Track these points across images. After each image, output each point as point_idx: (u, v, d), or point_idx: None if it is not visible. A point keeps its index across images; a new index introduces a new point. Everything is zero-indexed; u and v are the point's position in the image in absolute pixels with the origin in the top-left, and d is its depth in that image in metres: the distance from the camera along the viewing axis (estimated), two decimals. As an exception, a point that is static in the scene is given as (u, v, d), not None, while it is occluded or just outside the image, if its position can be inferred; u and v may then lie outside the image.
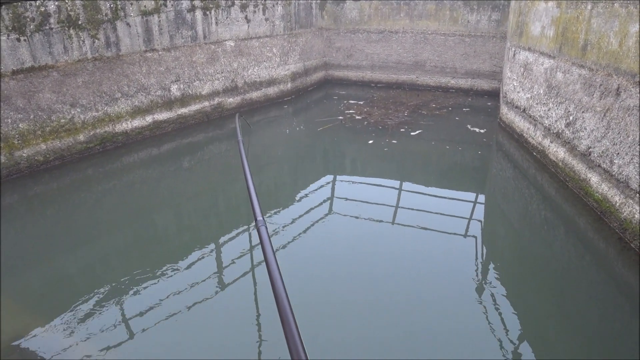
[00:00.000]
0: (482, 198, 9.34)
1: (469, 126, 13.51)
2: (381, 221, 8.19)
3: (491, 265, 6.91)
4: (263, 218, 2.22)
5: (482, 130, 13.09)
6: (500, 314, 5.73)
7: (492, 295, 6.12)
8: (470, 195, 9.46)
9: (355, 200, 9.09)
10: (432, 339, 5.32)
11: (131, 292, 6.28)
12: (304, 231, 7.92)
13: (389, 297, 6.07)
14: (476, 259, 7.10)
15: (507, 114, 12.86)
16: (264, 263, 2.11)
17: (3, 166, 9.32)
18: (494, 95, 16.88)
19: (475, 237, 7.69)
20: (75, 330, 5.61)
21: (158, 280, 6.50)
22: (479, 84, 17.51)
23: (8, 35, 9.11)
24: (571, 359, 4.98)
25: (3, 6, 8.89)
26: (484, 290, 6.24)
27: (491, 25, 16.53)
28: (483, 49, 16.93)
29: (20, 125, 9.49)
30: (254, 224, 3.79)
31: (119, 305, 6.03)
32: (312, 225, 8.14)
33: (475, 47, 17.05)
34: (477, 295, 6.13)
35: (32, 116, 9.67)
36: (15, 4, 9.03)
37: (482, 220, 8.42)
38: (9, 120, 9.31)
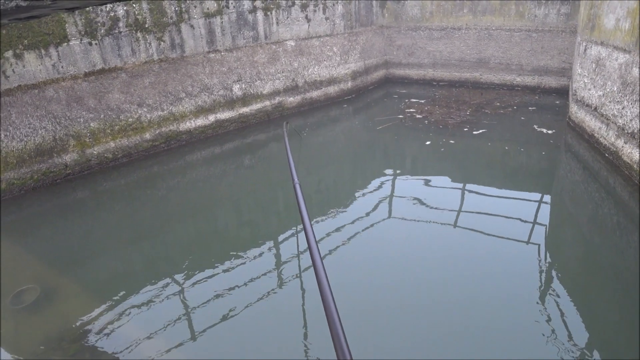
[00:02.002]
0: (548, 201, 8.92)
1: (535, 126, 12.95)
2: (442, 224, 8.00)
3: (555, 274, 6.57)
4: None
5: (549, 131, 12.51)
6: (565, 326, 5.45)
7: (557, 306, 5.82)
8: (535, 197, 9.05)
9: (415, 202, 8.92)
10: (491, 348, 5.14)
11: (191, 285, 6.45)
12: (362, 231, 7.87)
13: (447, 303, 5.91)
14: (540, 266, 6.78)
15: (577, 113, 12.25)
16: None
17: (75, 163, 9.82)
18: (563, 93, 16.11)
19: (539, 244, 7.34)
20: (137, 319, 5.85)
21: (217, 275, 6.65)
22: (546, 82, 16.77)
23: (81, 40, 9.58)
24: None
25: (77, 11, 9.34)
26: (546, 300, 5.95)
27: (560, 19, 15.78)
28: (551, 44, 16.18)
29: (91, 124, 9.97)
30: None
31: (179, 297, 6.22)
32: (371, 226, 8.07)
33: (542, 42, 16.33)
34: (541, 305, 5.85)
35: (102, 115, 10.13)
36: (87, 9, 9.48)
37: (547, 224, 8.04)
38: (81, 120, 9.81)
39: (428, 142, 11.95)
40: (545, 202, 8.86)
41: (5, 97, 9.01)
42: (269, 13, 13.26)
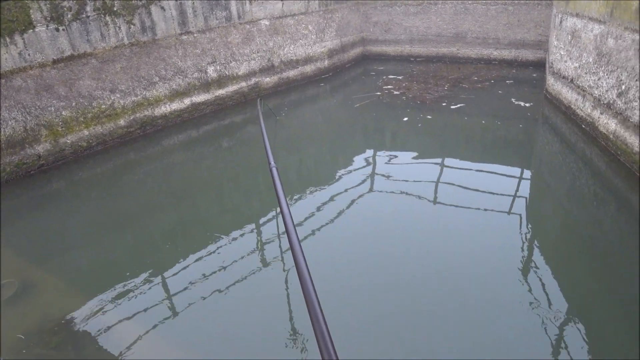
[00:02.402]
0: (527, 174, 8.99)
1: (513, 99, 13.00)
2: (423, 198, 8.03)
3: (536, 244, 6.65)
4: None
5: (527, 104, 12.57)
6: (546, 294, 5.52)
7: (537, 274, 5.90)
8: (515, 171, 9.10)
9: (396, 178, 8.91)
10: (474, 319, 5.18)
11: (172, 271, 6.40)
12: (346, 208, 7.86)
13: (429, 276, 5.95)
14: (521, 237, 6.85)
15: (554, 85, 12.31)
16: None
17: (49, 153, 9.59)
18: (540, 66, 16.17)
19: (520, 215, 7.41)
20: (120, 307, 5.78)
21: (198, 260, 6.60)
22: (523, 55, 16.80)
23: (47, 26, 9.27)
24: (618, 343, 4.76)
25: (41, -4, 9.02)
26: (529, 270, 6.02)
27: (536, -9, 15.79)
28: (527, 17, 16.17)
29: (63, 112, 9.71)
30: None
31: (160, 284, 6.17)
32: (353, 203, 8.06)
33: (519, 15, 16.31)
34: (522, 274, 5.92)
35: (74, 103, 9.88)
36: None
37: (527, 196, 8.10)
38: (52, 109, 9.54)
39: (405, 119, 11.92)
40: (525, 174, 8.93)
41: (-29, 87, 8.72)
42: (241, -8, 12.99)
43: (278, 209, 8.00)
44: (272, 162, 3.11)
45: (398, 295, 5.66)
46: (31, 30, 9.15)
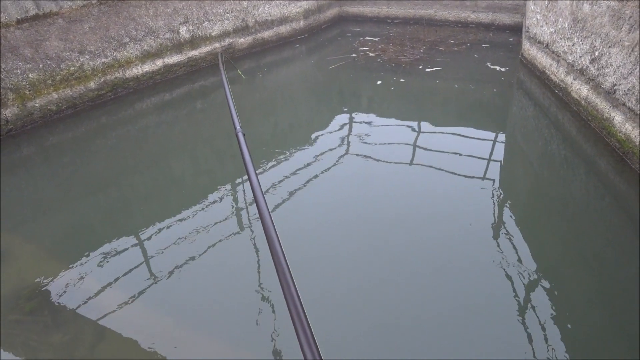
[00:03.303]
0: (501, 138, 9.10)
1: (488, 64, 13.03)
2: (399, 162, 8.10)
3: (508, 206, 6.81)
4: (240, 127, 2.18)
5: (502, 69, 12.61)
6: (517, 254, 5.69)
7: (509, 237, 6.07)
8: (489, 135, 9.20)
9: (371, 142, 8.93)
10: (446, 280, 5.32)
11: (147, 235, 6.38)
12: (322, 172, 7.88)
13: (404, 239, 6.05)
14: (493, 199, 6.99)
15: (529, 50, 12.36)
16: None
17: (17, 117, 9.31)
18: (517, 30, 16.15)
19: (494, 179, 7.54)
20: (96, 272, 5.78)
21: (173, 224, 6.59)
22: (500, 19, 16.74)
23: (9, -18, 8.85)
24: (586, 303, 4.96)
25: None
26: (500, 233, 6.18)
27: (514, -47, 15.63)
28: (505, -21, 16.08)
29: (30, 75, 9.39)
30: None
31: (136, 248, 6.16)
32: (329, 165, 8.08)
33: (496, -23, 16.20)
34: (494, 237, 6.07)
35: (41, 65, 9.54)
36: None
37: (502, 160, 8.23)
38: (18, 71, 9.21)
39: (379, 82, 11.86)
40: (499, 138, 9.04)
41: None
42: (214, -51, 12.56)
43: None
44: (238, 127, 2.77)
45: (373, 259, 5.75)
46: (-7, -13, 8.73)
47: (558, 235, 6.18)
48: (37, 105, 9.56)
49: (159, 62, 11.96)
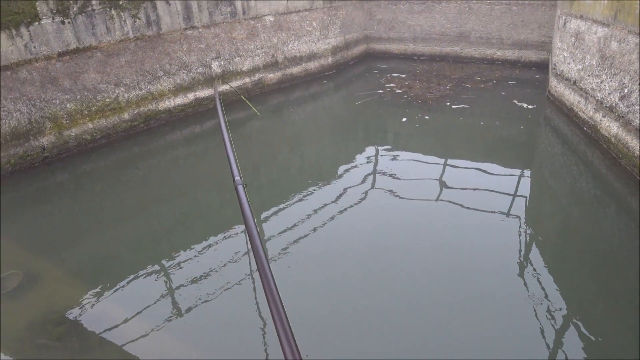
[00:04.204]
0: (528, 175, 9.04)
1: (515, 101, 13.03)
2: (424, 197, 8.08)
3: (535, 246, 6.71)
4: (240, 177, 1.79)
5: (529, 106, 12.59)
6: (544, 295, 5.58)
7: (535, 276, 5.96)
8: (516, 172, 9.15)
9: (397, 177, 8.95)
10: (470, 320, 5.24)
11: (174, 265, 6.46)
12: (348, 206, 7.92)
13: (429, 274, 6.02)
14: (520, 237, 6.90)
15: (557, 87, 12.35)
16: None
17: (53, 145, 9.64)
18: (543, 67, 16.19)
19: (520, 216, 7.46)
20: (122, 300, 5.87)
21: (200, 255, 6.66)
22: (526, 56, 16.82)
23: (53, 19, 9.31)
24: (617, 344, 4.82)
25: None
26: (526, 271, 6.08)
27: (540, -8, 15.78)
28: (531, 17, 16.18)
29: (68, 105, 9.76)
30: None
31: (162, 278, 6.24)
32: (355, 200, 8.11)
33: (523, 16, 16.32)
34: (520, 275, 5.98)
35: (78, 96, 9.92)
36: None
37: (527, 197, 8.15)
38: (57, 101, 9.60)
39: (404, 119, 11.92)
40: (526, 176, 8.98)
41: (-23, 78, 8.77)
42: (246, -12, 13.01)
43: (280, 205, 8.05)
44: (237, 177, 2.02)
45: (397, 293, 5.73)
46: (37, 23, 9.19)
47: (587, 275, 6.04)
48: (72, 134, 9.90)
49: (191, 96, 12.30)
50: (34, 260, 6.73)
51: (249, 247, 6.89)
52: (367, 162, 9.82)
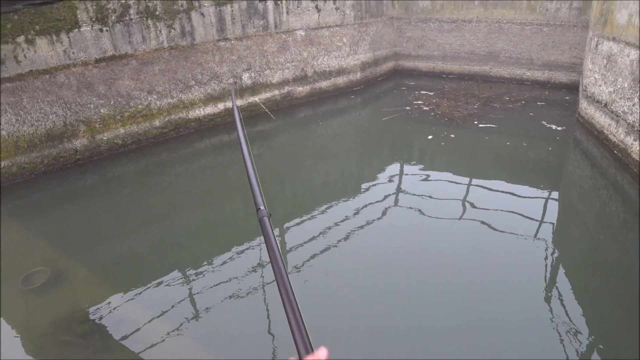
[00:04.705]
0: (555, 197, 8.90)
1: (544, 122, 12.90)
2: (448, 216, 8.02)
3: (561, 270, 6.59)
4: (265, 206, 1.66)
5: (558, 127, 12.45)
6: (569, 322, 5.48)
7: (562, 303, 5.85)
8: (542, 194, 9.02)
9: (421, 195, 8.92)
10: (494, 342, 5.18)
11: (196, 270, 6.55)
12: (370, 221, 7.91)
13: (451, 297, 5.95)
14: (546, 262, 6.78)
15: (587, 109, 12.21)
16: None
17: (85, 148, 9.91)
18: (573, 89, 16.01)
19: (546, 240, 7.34)
20: (143, 301, 5.99)
21: (222, 262, 6.75)
22: (556, 77, 16.67)
23: (92, 26, 9.64)
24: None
25: (89, -3, 9.39)
26: (551, 297, 5.98)
27: (572, 13, 15.65)
28: (562, 39, 16.07)
29: (101, 110, 10.05)
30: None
31: (183, 282, 6.34)
32: (377, 216, 8.11)
33: (553, 37, 16.22)
34: (545, 300, 5.89)
35: (112, 102, 10.21)
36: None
37: (555, 221, 8.02)
38: (92, 106, 9.89)
39: (430, 136, 11.90)
40: (553, 198, 8.85)
41: (17, 82, 9.09)
42: (279, 2, 13.24)
43: (305, 215, 8.10)
44: (262, 207, 1.56)
45: (416, 314, 5.69)
46: (77, 30, 9.52)
47: (614, 304, 5.91)
48: (105, 138, 10.17)
49: (221, 106, 12.52)
50: (62, 258, 6.91)
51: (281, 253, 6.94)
52: (391, 179, 9.83)
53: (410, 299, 5.90)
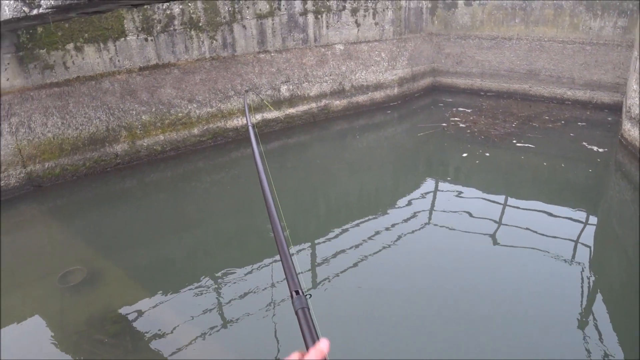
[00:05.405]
0: (593, 222, 8.62)
1: (584, 143, 12.59)
2: (482, 237, 7.88)
3: (598, 297, 6.38)
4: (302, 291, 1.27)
5: (600, 149, 12.13)
6: (605, 351, 5.31)
7: (596, 325, 5.69)
8: (580, 216, 8.76)
9: (456, 213, 8.79)
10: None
11: (226, 278, 6.64)
12: (402, 239, 7.86)
13: (483, 320, 5.84)
14: (582, 288, 6.58)
15: (630, 131, 11.88)
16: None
17: (126, 153, 10.21)
18: (616, 109, 15.57)
19: (583, 264, 7.13)
20: (173, 306, 6.08)
21: (252, 270, 6.81)
22: (598, 97, 16.27)
23: (137, 35, 9.99)
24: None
25: (135, 9, 9.73)
26: (585, 322, 5.80)
27: (616, 32, 15.29)
28: (605, 58, 15.70)
29: (143, 117, 10.35)
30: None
31: (214, 288, 6.43)
32: (409, 234, 8.05)
33: (596, 56, 15.87)
34: (580, 328, 5.71)
35: (153, 109, 10.50)
36: (145, 6, 9.85)
37: (592, 245, 7.78)
38: (134, 112, 10.20)
39: (465, 154, 11.74)
40: (591, 223, 8.58)
41: (64, 87, 9.48)
42: (319, 16, 13.42)
43: (332, 232, 8.11)
44: (301, 291, 1.30)
45: (448, 334, 5.61)
46: (123, 39, 9.87)
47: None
48: (144, 144, 10.46)
49: (258, 116, 12.70)
50: (98, 259, 7.11)
51: (312, 264, 6.99)
52: (425, 196, 9.75)
53: (442, 322, 5.80)
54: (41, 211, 8.87)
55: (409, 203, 9.30)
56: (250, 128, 2.87)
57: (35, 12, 5.03)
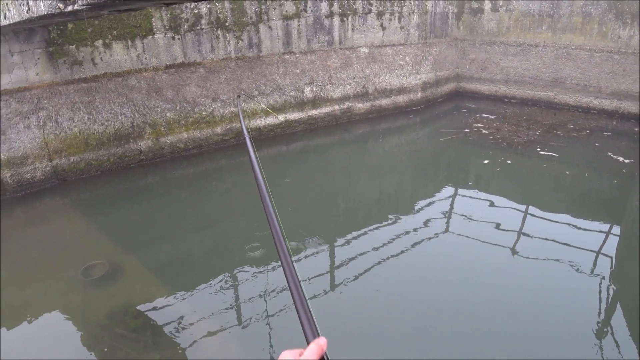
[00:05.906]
0: (616, 233, 8.47)
1: (610, 153, 12.38)
2: (501, 246, 7.77)
3: (619, 311, 6.27)
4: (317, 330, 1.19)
5: (626, 160, 11.93)
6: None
7: (616, 343, 5.58)
8: (603, 227, 8.62)
9: (474, 220, 8.71)
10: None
11: (244, 276, 6.67)
12: (419, 246, 7.81)
13: (501, 330, 5.79)
14: (601, 300, 6.48)
15: (657, 143, 11.65)
16: None
17: (149, 149, 10.33)
18: (644, 120, 15.32)
19: (604, 276, 7.02)
20: (193, 303, 6.14)
21: (269, 269, 6.85)
22: (626, 107, 15.99)
23: (165, 34, 10.11)
24: None
25: (164, 7, 9.84)
26: (605, 335, 5.71)
27: (646, 42, 15.04)
28: (634, 67, 15.41)
29: (167, 114, 10.46)
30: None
31: (232, 286, 6.49)
32: (427, 241, 7.99)
33: (624, 65, 15.59)
34: (597, 337, 5.63)
35: (178, 107, 10.61)
36: (174, 5, 9.96)
37: (614, 257, 7.64)
38: (158, 109, 10.31)
39: (486, 161, 11.61)
40: (614, 234, 8.45)
41: (92, 82, 9.63)
42: (345, 19, 13.43)
43: (354, 232, 8.10)
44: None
45: (466, 344, 5.56)
46: (150, 37, 9.99)
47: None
48: (168, 141, 10.57)
49: (281, 117, 12.76)
50: (120, 253, 7.20)
51: (330, 267, 7.00)
52: (444, 202, 9.67)
53: (456, 333, 5.74)
54: (65, 204, 9.02)
55: (428, 209, 9.24)
56: (247, 138, 2.40)
57: (69, 8, 5.11)
